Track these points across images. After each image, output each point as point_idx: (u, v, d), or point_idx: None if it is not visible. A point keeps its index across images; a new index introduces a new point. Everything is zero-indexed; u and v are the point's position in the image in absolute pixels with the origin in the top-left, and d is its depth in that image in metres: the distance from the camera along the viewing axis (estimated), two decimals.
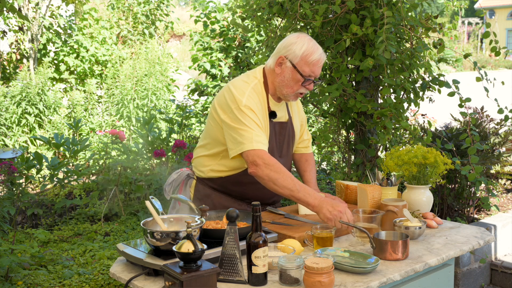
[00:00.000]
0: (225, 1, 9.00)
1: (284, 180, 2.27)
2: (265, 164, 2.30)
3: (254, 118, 2.39)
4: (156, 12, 11.41)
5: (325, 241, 2.09)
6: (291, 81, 2.47)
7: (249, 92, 2.45)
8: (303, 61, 2.44)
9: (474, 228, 2.46)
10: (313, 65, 2.45)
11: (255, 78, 2.53)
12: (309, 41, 2.47)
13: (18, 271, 3.36)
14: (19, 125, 7.72)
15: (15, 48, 9.61)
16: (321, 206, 2.22)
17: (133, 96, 8.34)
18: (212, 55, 7.78)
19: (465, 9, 6.61)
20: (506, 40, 32.94)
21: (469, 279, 4.05)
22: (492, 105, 3.73)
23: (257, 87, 2.50)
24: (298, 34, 2.52)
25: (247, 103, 2.40)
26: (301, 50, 2.44)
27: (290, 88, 2.48)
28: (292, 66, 2.45)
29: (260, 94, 2.50)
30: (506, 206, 4.90)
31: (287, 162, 2.67)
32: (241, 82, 2.49)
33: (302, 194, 2.26)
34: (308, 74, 2.46)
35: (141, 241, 2.10)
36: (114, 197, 5.14)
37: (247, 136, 2.34)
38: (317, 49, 2.47)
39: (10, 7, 4.67)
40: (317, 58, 2.45)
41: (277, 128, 2.58)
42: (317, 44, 2.50)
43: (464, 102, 3.54)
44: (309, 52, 2.44)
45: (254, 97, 2.45)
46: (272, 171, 2.29)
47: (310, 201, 2.25)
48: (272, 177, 2.28)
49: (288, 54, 2.46)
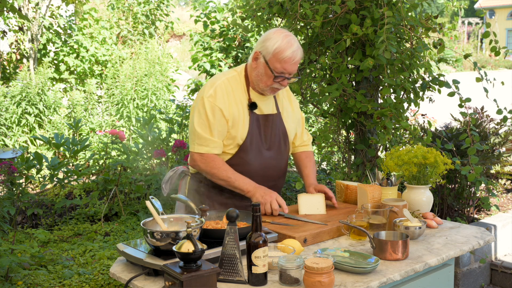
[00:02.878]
0: (225, 1, 9.00)
1: (219, 173, 2.50)
2: (204, 162, 2.52)
3: (209, 112, 2.47)
4: (156, 12, 11.41)
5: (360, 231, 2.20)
6: (264, 76, 2.49)
7: (220, 83, 2.53)
8: (274, 57, 2.44)
9: (474, 228, 2.46)
10: (284, 62, 2.44)
11: (234, 71, 2.61)
12: (284, 38, 2.45)
13: (18, 271, 3.36)
14: (19, 125, 7.72)
15: (15, 48, 9.61)
16: (255, 191, 2.47)
17: (133, 96, 8.34)
18: (212, 55, 7.77)
19: (465, 9, 6.61)
20: (506, 40, 32.94)
21: (469, 279, 4.05)
22: (492, 105, 3.73)
23: (234, 79, 2.57)
24: (276, 30, 2.51)
25: (211, 94, 2.49)
26: (273, 47, 2.44)
27: (264, 83, 2.51)
28: (265, 62, 2.47)
29: (238, 86, 2.56)
30: (506, 206, 4.90)
31: (280, 157, 2.66)
32: (218, 75, 2.60)
33: (237, 183, 2.49)
34: (280, 71, 2.46)
35: (141, 241, 2.10)
36: (114, 197, 5.14)
37: (197, 137, 2.51)
38: (290, 46, 2.44)
39: (10, 7, 4.67)
40: (289, 56, 2.43)
41: (261, 120, 2.58)
42: (293, 41, 2.47)
43: (464, 102, 3.54)
44: (281, 49, 2.43)
45: (223, 89, 2.51)
46: (209, 167, 2.51)
47: (244, 188, 2.49)
48: (209, 172, 2.52)
49: (262, 50, 2.48)
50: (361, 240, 2.26)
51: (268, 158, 2.60)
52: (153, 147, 5.55)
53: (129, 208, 5.05)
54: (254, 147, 2.55)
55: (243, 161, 2.54)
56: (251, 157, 2.55)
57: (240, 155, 2.54)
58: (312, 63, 3.89)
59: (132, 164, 5.33)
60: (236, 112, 2.51)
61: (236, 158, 2.54)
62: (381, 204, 2.38)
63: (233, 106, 2.51)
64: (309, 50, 3.84)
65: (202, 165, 2.53)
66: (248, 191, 2.48)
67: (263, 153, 2.58)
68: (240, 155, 2.54)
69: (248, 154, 2.54)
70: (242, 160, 2.54)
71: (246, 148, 2.54)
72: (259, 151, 2.57)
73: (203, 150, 2.51)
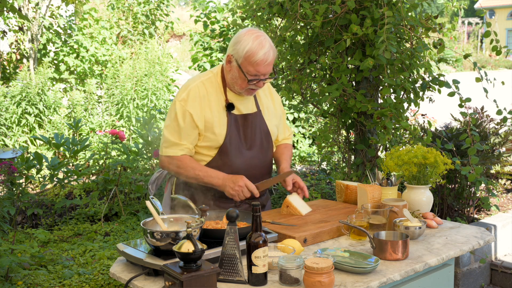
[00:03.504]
0: (225, 1, 9.00)
1: (187, 172, 2.51)
2: (172, 164, 2.54)
3: (180, 116, 2.48)
4: (156, 12, 11.41)
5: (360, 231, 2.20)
6: (239, 79, 2.47)
7: (193, 87, 2.52)
8: (246, 61, 2.40)
9: (474, 228, 2.46)
10: (257, 64, 2.40)
11: (210, 72, 2.60)
12: (255, 40, 2.40)
13: (18, 271, 3.36)
14: (19, 125, 7.72)
15: (15, 48, 9.61)
16: (224, 185, 2.47)
17: (133, 96, 8.34)
18: (212, 55, 7.77)
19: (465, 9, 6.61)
20: (506, 40, 32.94)
21: (469, 279, 4.05)
22: (492, 105, 3.73)
23: (209, 81, 2.56)
24: (246, 31, 2.45)
25: (184, 98, 2.50)
26: (244, 50, 2.39)
27: (239, 86, 2.50)
28: (237, 65, 2.44)
29: (213, 88, 2.54)
30: (506, 206, 4.90)
31: (263, 156, 2.64)
32: (193, 77, 2.60)
33: (207, 179, 2.49)
34: (254, 74, 2.42)
35: (141, 241, 2.10)
36: (114, 197, 5.14)
37: (164, 140, 2.55)
38: (261, 48, 2.39)
39: (10, 7, 4.67)
40: (261, 58, 2.39)
41: (240, 120, 2.57)
42: (264, 42, 2.41)
43: (464, 102, 3.54)
44: (252, 52, 2.38)
45: (196, 93, 2.50)
46: (177, 167, 2.53)
47: (214, 182, 2.49)
48: (178, 172, 2.55)
49: (234, 53, 2.44)
50: (361, 240, 2.26)
51: (250, 158, 2.58)
52: (153, 147, 5.55)
53: (129, 208, 5.05)
54: (234, 147, 2.54)
55: (224, 163, 2.54)
56: (231, 158, 2.53)
57: (220, 156, 2.54)
58: (312, 63, 3.89)
59: (132, 164, 5.33)
60: (209, 116, 2.50)
61: (217, 160, 2.54)
62: (381, 204, 2.39)
63: (206, 109, 2.50)
64: (309, 50, 3.83)
65: (170, 167, 2.55)
66: (218, 185, 2.49)
67: (244, 153, 2.56)
68: (221, 156, 2.54)
69: (228, 155, 2.53)
70: (223, 162, 2.53)
71: (226, 149, 2.53)
72: (239, 151, 2.55)
73: (170, 152, 2.53)
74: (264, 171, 2.67)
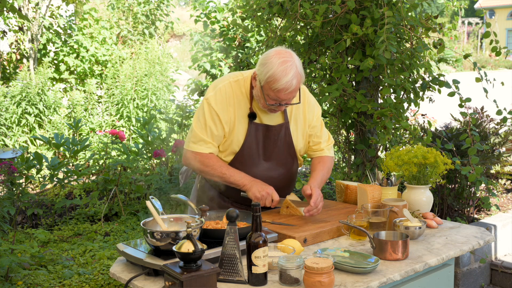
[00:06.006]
0: (225, 1, 8.99)
1: (214, 171, 2.46)
2: (198, 160, 2.48)
3: (207, 115, 2.44)
4: (156, 12, 11.40)
5: (360, 231, 2.20)
6: (261, 98, 2.40)
7: (221, 86, 2.48)
8: (268, 85, 2.33)
9: (474, 228, 2.46)
10: (278, 91, 2.31)
11: (241, 75, 2.53)
12: (280, 65, 2.29)
13: (18, 271, 3.36)
14: (19, 125, 7.72)
15: (15, 48, 9.60)
16: (251, 185, 2.42)
17: (133, 96, 8.34)
18: (212, 55, 7.77)
19: (465, 9, 6.62)
20: (506, 40, 32.93)
21: (469, 279, 4.05)
22: (492, 105, 3.73)
23: (238, 84, 2.50)
24: (275, 52, 2.35)
25: (210, 97, 2.46)
26: (266, 75, 2.31)
27: (261, 104, 2.44)
28: (260, 86, 2.38)
29: (240, 92, 2.48)
30: (506, 206, 4.90)
31: (283, 168, 2.59)
32: (223, 77, 2.55)
33: (233, 178, 2.45)
34: (274, 99, 2.35)
35: (141, 241, 2.10)
36: (114, 197, 5.14)
37: (192, 135, 2.49)
38: (284, 75, 2.28)
39: (10, 7, 4.67)
40: (282, 87, 2.29)
41: (262, 130, 2.50)
42: (289, 68, 2.29)
43: (464, 102, 3.54)
44: (274, 79, 2.29)
45: (223, 93, 2.46)
46: (203, 165, 2.47)
47: (240, 182, 2.44)
48: (203, 170, 2.50)
49: (258, 74, 2.37)
50: (361, 240, 2.26)
51: (267, 169, 2.54)
52: (153, 147, 5.55)
53: (129, 208, 5.05)
54: (249, 157, 2.50)
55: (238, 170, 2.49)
56: (246, 167, 2.50)
57: (235, 163, 2.50)
58: (312, 63, 3.89)
59: (132, 164, 5.33)
60: (232, 118, 2.46)
61: (232, 166, 2.50)
62: (381, 204, 2.39)
63: (231, 111, 2.46)
64: (309, 50, 3.83)
65: (195, 163, 2.49)
66: (243, 185, 2.44)
67: (260, 164, 2.53)
68: (236, 164, 2.50)
69: (243, 163, 2.50)
70: (238, 169, 2.48)
71: (241, 157, 2.50)
72: (255, 161, 2.52)
73: (197, 148, 2.47)
74: (283, 183, 2.60)
